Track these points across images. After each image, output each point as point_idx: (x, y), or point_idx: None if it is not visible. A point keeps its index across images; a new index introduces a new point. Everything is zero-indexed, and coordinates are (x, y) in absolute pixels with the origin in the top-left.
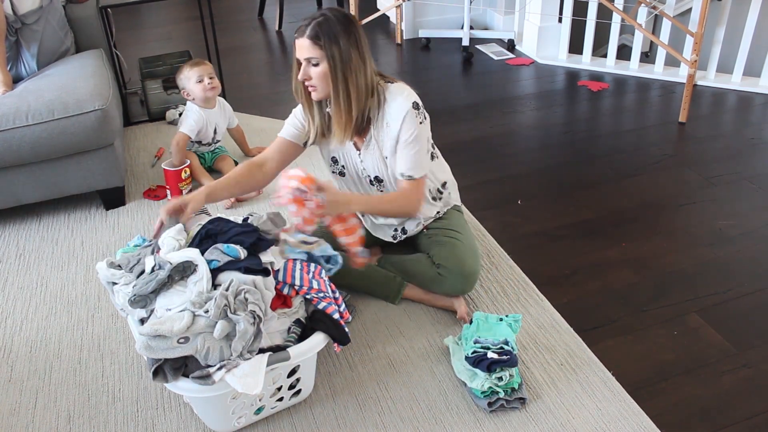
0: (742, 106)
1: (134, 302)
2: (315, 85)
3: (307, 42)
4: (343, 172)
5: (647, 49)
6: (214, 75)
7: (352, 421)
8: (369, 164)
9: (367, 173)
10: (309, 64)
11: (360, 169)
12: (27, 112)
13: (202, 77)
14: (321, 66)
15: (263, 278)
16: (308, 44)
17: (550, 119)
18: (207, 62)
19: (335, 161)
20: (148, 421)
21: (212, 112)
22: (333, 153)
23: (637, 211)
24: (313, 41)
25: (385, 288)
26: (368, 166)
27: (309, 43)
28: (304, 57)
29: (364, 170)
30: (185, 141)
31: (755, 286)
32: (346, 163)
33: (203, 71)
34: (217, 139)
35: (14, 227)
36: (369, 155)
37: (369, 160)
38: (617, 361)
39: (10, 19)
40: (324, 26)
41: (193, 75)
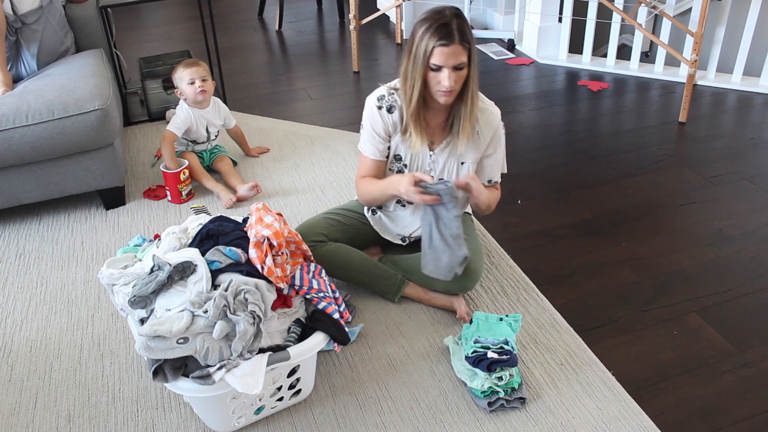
0: (742, 106)
1: (134, 303)
2: (454, 89)
3: (459, 48)
4: (402, 170)
5: (647, 49)
6: (208, 77)
7: (352, 421)
8: (439, 166)
9: (432, 174)
10: (454, 70)
11: (426, 170)
12: (27, 112)
13: (194, 79)
14: (464, 70)
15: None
16: (460, 50)
17: (550, 119)
18: (202, 63)
19: (398, 159)
20: (148, 421)
21: (204, 112)
22: (399, 151)
23: (637, 211)
24: (463, 46)
25: (385, 284)
26: (437, 167)
27: (460, 49)
28: (454, 64)
29: (431, 170)
30: (171, 139)
31: (755, 286)
32: (410, 162)
33: (196, 74)
34: (212, 138)
35: (14, 227)
36: (443, 157)
37: (441, 161)
38: (617, 361)
39: (10, 18)
40: (466, 28)
41: (185, 76)
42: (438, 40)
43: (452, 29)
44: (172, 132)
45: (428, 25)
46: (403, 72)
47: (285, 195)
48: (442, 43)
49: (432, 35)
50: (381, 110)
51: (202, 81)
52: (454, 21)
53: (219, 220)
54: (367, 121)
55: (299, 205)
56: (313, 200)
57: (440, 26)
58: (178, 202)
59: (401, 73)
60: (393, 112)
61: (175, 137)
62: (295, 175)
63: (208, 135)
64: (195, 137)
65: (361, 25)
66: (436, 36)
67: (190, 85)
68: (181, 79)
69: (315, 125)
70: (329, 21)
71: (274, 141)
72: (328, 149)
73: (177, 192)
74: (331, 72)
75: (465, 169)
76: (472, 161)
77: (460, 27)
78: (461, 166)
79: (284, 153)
